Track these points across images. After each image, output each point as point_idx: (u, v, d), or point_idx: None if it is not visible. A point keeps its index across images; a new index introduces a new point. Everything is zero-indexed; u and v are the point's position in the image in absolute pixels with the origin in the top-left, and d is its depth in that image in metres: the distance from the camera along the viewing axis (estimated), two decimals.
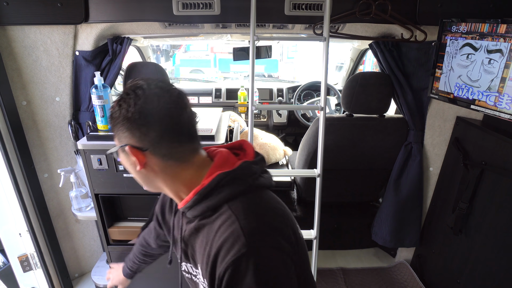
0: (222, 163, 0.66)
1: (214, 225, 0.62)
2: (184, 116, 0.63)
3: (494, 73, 1.17)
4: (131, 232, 1.48)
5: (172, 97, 0.62)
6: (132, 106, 0.59)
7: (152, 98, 0.60)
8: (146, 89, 0.60)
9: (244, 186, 0.63)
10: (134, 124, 0.60)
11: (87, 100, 1.60)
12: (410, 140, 1.70)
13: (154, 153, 0.62)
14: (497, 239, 1.30)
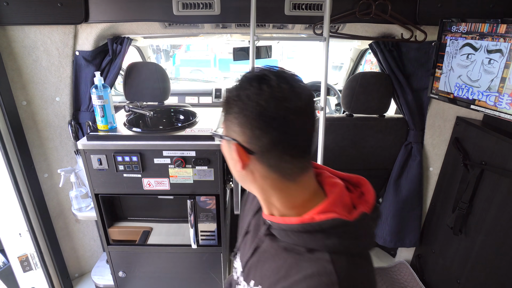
0: (337, 201, 0.56)
1: (302, 264, 0.54)
2: (307, 126, 0.55)
3: (494, 73, 1.16)
4: (131, 232, 1.48)
5: (301, 102, 0.52)
6: (252, 102, 0.51)
7: (277, 98, 0.51)
8: (273, 85, 0.51)
9: (356, 247, 0.54)
10: (248, 123, 0.53)
11: (87, 100, 1.60)
12: (410, 140, 1.70)
13: (260, 160, 0.55)
14: (497, 239, 1.30)
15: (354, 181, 0.64)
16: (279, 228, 0.59)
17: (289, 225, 0.56)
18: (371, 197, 0.59)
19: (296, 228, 0.55)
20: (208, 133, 1.28)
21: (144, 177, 1.31)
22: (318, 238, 0.53)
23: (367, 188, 0.61)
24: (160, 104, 1.68)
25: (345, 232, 0.53)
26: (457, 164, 1.55)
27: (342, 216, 0.53)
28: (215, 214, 1.41)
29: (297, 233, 0.55)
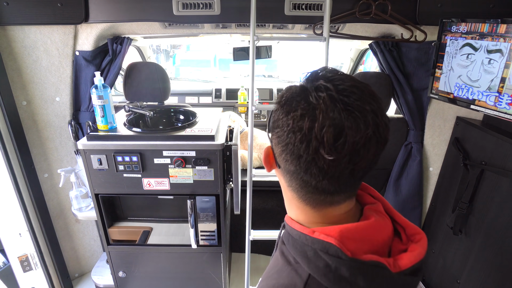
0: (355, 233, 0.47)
1: (282, 273, 0.51)
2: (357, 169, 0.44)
3: (494, 73, 1.16)
4: (131, 232, 1.48)
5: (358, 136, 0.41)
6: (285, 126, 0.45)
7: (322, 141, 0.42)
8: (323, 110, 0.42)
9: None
10: (281, 144, 0.47)
11: (87, 100, 1.60)
12: (410, 140, 1.70)
13: (284, 177, 0.52)
14: (497, 239, 1.30)
15: (410, 231, 0.52)
16: (286, 230, 0.56)
17: (292, 229, 0.53)
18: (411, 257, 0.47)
19: (295, 235, 0.51)
20: (208, 133, 1.28)
21: (144, 177, 1.31)
22: (308, 254, 0.47)
23: (417, 246, 0.50)
24: (160, 104, 1.69)
25: (335, 264, 0.44)
26: (457, 164, 1.55)
27: (342, 247, 0.44)
28: (215, 214, 1.41)
29: (294, 240, 0.51)
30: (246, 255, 1.54)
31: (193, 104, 2.61)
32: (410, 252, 0.48)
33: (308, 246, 0.47)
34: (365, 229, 0.48)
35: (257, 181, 2.02)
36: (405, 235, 0.52)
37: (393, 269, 0.45)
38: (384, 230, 0.50)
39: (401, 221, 0.53)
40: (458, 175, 1.52)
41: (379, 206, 0.54)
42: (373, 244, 0.48)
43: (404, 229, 0.53)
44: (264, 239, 1.51)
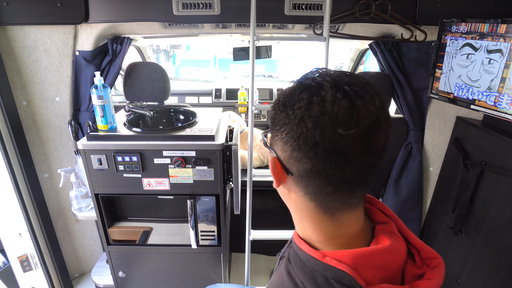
0: (369, 258, 0.45)
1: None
2: (366, 156, 0.42)
3: (494, 73, 1.16)
4: (131, 232, 1.48)
5: (362, 126, 0.40)
6: (296, 119, 0.42)
7: (328, 120, 0.40)
8: (327, 101, 0.41)
9: None
10: (290, 141, 0.44)
11: (87, 100, 1.60)
12: (410, 140, 1.70)
13: (298, 184, 0.47)
14: (497, 239, 1.30)
15: (426, 255, 0.49)
16: (294, 248, 0.52)
17: (300, 250, 0.49)
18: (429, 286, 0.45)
19: (303, 257, 0.48)
20: (208, 133, 1.28)
21: (144, 177, 1.31)
22: (318, 280, 0.44)
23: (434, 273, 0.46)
24: (160, 104, 1.69)
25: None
26: (457, 164, 1.55)
27: (357, 277, 0.41)
28: (215, 214, 1.41)
29: (302, 263, 0.48)
30: (246, 255, 1.54)
31: (193, 104, 2.61)
32: (428, 280, 0.45)
33: (318, 272, 0.44)
34: (380, 254, 0.45)
35: (257, 181, 2.02)
36: (419, 258, 0.49)
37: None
38: (399, 254, 0.47)
39: (416, 242, 0.51)
40: (458, 175, 1.52)
41: (393, 226, 0.51)
42: (388, 271, 0.45)
43: (418, 252, 0.50)
44: (264, 239, 1.51)
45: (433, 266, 0.47)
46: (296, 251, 0.50)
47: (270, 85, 2.75)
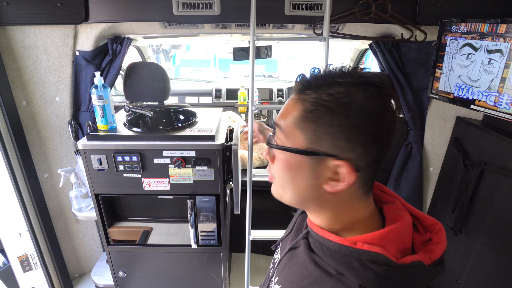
0: (392, 236, 0.49)
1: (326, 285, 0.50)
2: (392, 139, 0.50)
3: (494, 73, 1.16)
4: (131, 232, 1.48)
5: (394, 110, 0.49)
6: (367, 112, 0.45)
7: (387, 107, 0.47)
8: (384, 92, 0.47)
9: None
10: (362, 138, 0.46)
11: (87, 100, 1.60)
12: (410, 140, 1.70)
13: (358, 178, 0.49)
14: (497, 239, 1.30)
15: (428, 223, 0.55)
16: (316, 239, 0.55)
17: (326, 240, 0.52)
18: (439, 249, 0.51)
19: (333, 246, 0.51)
20: (208, 133, 1.27)
21: (144, 177, 1.31)
22: (353, 265, 0.47)
23: (439, 237, 0.52)
24: (160, 104, 1.69)
25: (386, 272, 0.45)
26: (457, 164, 1.55)
27: (389, 254, 0.46)
28: (215, 214, 1.41)
29: (332, 252, 0.51)
30: (246, 255, 1.54)
31: (193, 104, 2.61)
32: (437, 244, 0.51)
33: (352, 257, 0.48)
34: (400, 231, 0.50)
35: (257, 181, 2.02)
36: (422, 226, 0.55)
37: (426, 262, 0.48)
38: (410, 227, 0.53)
39: (418, 214, 0.57)
40: (458, 175, 1.52)
41: (398, 204, 0.57)
42: (404, 243, 0.51)
43: (420, 221, 0.56)
44: (264, 239, 1.51)
45: (436, 231, 0.53)
46: (321, 242, 0.53)
47: (270, 85, 2.75)
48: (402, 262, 0.46)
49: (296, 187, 0.53)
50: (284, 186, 0.55)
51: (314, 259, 0.54)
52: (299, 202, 0.55)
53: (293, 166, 0.51)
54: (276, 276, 0.64)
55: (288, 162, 0.51)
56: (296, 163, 0.51)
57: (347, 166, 0.47)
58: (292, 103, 0.51)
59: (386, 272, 0.45)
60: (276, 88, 2.72)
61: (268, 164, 0.60)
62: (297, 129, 0.49)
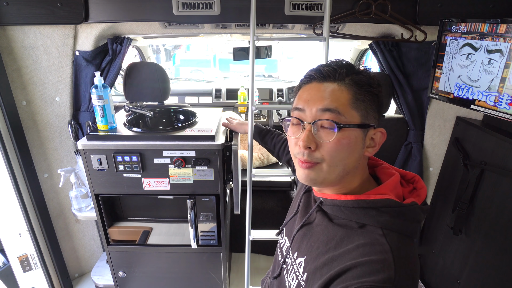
0: (391, 188, 0.63)
1: (354, 237, 0.59)
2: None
3: (494, 73, 1.16)
4: (131, 232, 1.48)
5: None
6: (379, 86, 0.65)
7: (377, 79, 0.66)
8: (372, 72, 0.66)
9: (406, 228, 0.59)
10: (381, 109, 0.66)
11: (87, 100, 1.60)
12: (410, 140, 1.70)
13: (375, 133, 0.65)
14: (497, 239, 1.30)
15: (409, 177, 0.70)
16: (333, 204, 0.65)
17: (343, 201, 0.62)
18: (423, 193, 0.65)
19: (351, 204, 0.61)
20: (208, 133, 1.27)
21: (144, 177, 1.31)
22: (371, 214, 0.59)
23: (420, 184, 0.67)
24: (160, 104, 1.69)
25: (397, 212, 0.58)
26: (457, 164, 1.55)
27: (396, 199, 0.59)
28: (215, 214, 1.41)
29: (351, 209, 0.61)
30: (246, 255, 1.54)
31: (193, 104, 2.61)
32: (421, 189, 0.66)
33: (369, 208, 0.59)
34: (395, 182, 0.65)
35: (257, 181, 2.02)
36: (404, 180, 0.69)
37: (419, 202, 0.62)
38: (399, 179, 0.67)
39: (400, 171, 0.70)
40: (458, 175, 1.52)
41: (386, 164, 0.72)
42: (399, 192, 0.65)
43: (402, 176, 0.69)
44: (264, 239, 1.51)
45: (417, 181, 0.69)
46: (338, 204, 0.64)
47: (270, 85, 2.75)
48: (405, 202, 0.60)
49: (349, 161, 0.62)
50: (336, 166, 0.62)
51: (335, 222, 0.64)
52: (344, 176, 0.64)
53: (352, 140, 0.61)
54: (295, 251, 0.70)
55: (349, 138, 0.61)
56: (355, 137, 0.61)
57: (381, 132, 0.65)
58: (337, 89, 0.62)
59: (398, 212, 0.58)
60: (276, 88, 2.72)
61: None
62: (352, 109, 0.61)
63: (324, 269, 0.58)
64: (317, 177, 0.63)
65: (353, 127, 0.60)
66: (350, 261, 0.55)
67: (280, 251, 0.80)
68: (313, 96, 0.63)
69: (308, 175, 0.63)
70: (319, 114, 0.61)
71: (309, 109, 0.62)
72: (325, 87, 0.62)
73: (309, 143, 0.61)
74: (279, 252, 0.80)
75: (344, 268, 0.55)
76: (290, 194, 2.31)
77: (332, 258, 0.58)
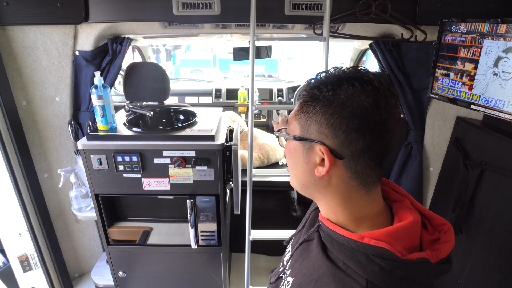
0: (399, 234, 0.51)
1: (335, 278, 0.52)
2: (393, 131, 0.52)
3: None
4: (131, 232, 1.48)
5: (395, 104, 0.51)
6: (354, 103, 0.49)
7: (381, 101, 0.49)
8: (377, 87, 0.49)
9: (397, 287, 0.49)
10: (343, 125, 0.50)
11: (87, 100, 1.60)
12: (410, 140, 1.70)
13: (347, 166, 0.52)
14: (497, 239, 1.30)
15: (437, 222, 0.57)
16: (327, 232, 0.57)
17: (337, 234, 0.55)
18: (447, 247, 0.53)
19: (342, 240, 0.53)
20: (208, 133, 1.28)
21: (144, 177, 1.31)
22: (359, 259, 0.50)
23: (447, 237, 0.54)
24: (160, 104, 1.69)
25: (390, 266, 0.48)
26: (457, 164, 1.55)
27: (394, 250, 0.48)
28: (215, 214, 1.41)
29: (341, 245, 0.53)
30: (246, 255, 1.54)
31: (193, 104, 2.61)
32: (445, 243, 0.53)
33: (359, 251, 0.50)
34: (408, 228, 0.52)
35: (257, 181, 2.02)
36: (431, 225, 0.57)
37: (433, 260, 0.50)
38: (419, 225, 0.55)
39: (427, 213, 0.58)
40: (458, 175, 1.52)
41: (407, 203, 0.59)
42: (412, 241, 0.53)
43: (429, 221, 0.58)
44: (264, 239, 1.51)
45: (445, 231, 0.55)
46: (331, 235, 0.56)
47: (270, 85, 2.75)
48: (408, 258, 0.48)
49: (296, 172, 0.60)
50: (290, 173, 0.63)
51: (325, 252, 0.57)
52: (302, 188, 0.61)
53: (292, 152, 0.59)
54: (289, 268, 0.67)
55: (288, 148, 0.60)
56: (294, 149, 0.58)
57: (327, 150, 0.52)
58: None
59: (391, 266, 0.47)
60: (276, 88, 2.72)
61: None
62: (295, 120, 0.57)
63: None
64: (290, 180, 0.65)
65: (283, 136, 0.61)
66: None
67: (283, 259, 0.78)
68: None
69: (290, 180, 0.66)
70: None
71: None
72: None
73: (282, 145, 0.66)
74: (284, 259, 0.79)
75: None
76: (290, 194, 2.32)
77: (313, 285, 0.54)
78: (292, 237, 0.81)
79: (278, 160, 2.14)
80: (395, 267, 0.47)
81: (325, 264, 0.55)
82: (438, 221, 0.57)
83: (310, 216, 0.74)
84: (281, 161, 2.19)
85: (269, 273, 1.99)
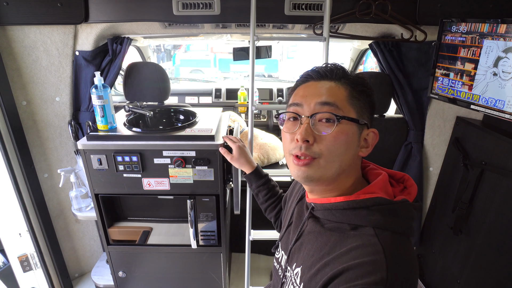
0: (381, 186, 0.63)
1: (346, 240, 0.58)
2: None
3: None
4: (131, 232, 1.48)
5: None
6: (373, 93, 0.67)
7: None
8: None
9: (398, 226, 0.58)
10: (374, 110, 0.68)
11: (87, 100, 1.60)
12: (410, 140, 1.69)
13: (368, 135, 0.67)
14: (497, 239, 1.30)
15: (398, 176, 0.70)
16: (323, 208, 0.64)
17: (334, 203, 0.62)
18: (414, 190, 0.65)
19: (342, 206, 0.61)
20: (208, 133, 1.27)
21: (144, 177, 1.31)
22: (362, 214, 0.58)
23: (410, 183, 0.67)
24: (160, 104, 1.69)
25: (388, 210, 0.58)
26: (457, 164, 1.55)
27: (386, 196, 0.60)
28: (215, 214, 1.41)
29: (342, 211, 0.61)
30: (246, 255, 1.54)
31: (193, 104, 2.61)
32: (411, 187, 0.66)
33: (359, 208, 0.59)
34: (385, 180, 0.65)
35: None
36: (394, 180, 0.69)
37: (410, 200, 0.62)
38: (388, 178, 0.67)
39: (389, 171, 0.71)
40: (458, 175, 1.52)
41: (374, 165, 0.73)
42: (388, 191, 0.64)
43: (391, 177, 0.70)
44: (264, 239, 1.51)
45: (406, 180, 0.68)
46: (329, 208, 0.64)
47: (270, 85, 2.75)
48: (395, 199, 0.60)
49: (345, 158, 0.62)
50: (333, 161, 0.62)
51: (326, 227, 0.64)
52: (340, 174, 0.64)
53: (350, 136, 0.62)
54: (293, 262, 0.69)
55: (347, 133, 0.61)
56: (352, 133, 0.62)
57: (374, 132, 0.66)
58: (334, 86, 0.64)
59: (389, 210, 0.58)
60: (276, 88, 2.72)
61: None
62: (349, 105, 0.62)
63: (318, 276, 0.58)
64: (314, 173, 0.62)
65: (351, 120, 0.62)
66: (342, 265, 0.54)
67: (279, 266, 0.79)
68: (311, 92, 0.64)
69: (305, 172, 0.62)
70: (318, 108, 0.62)
71: (307, 103, 0.63)
72: (322, 84, 0.65)
73: (307, 136, 0.61)
74: (278, 267, 0.79)
75: (337, 272, 0.54)
76: None
77: (325, 263, 0.58)
78: (278, 243, 0.81)
79: (278, 160, 2.14)
80: (390, 210, 0.58)
81: (332, 236, 0.62)
82: (398, 175, 0.70)
83: (295, 211, 0.78)
84: (281, 161, 2.19)
85: (269, 273, 1.99)
